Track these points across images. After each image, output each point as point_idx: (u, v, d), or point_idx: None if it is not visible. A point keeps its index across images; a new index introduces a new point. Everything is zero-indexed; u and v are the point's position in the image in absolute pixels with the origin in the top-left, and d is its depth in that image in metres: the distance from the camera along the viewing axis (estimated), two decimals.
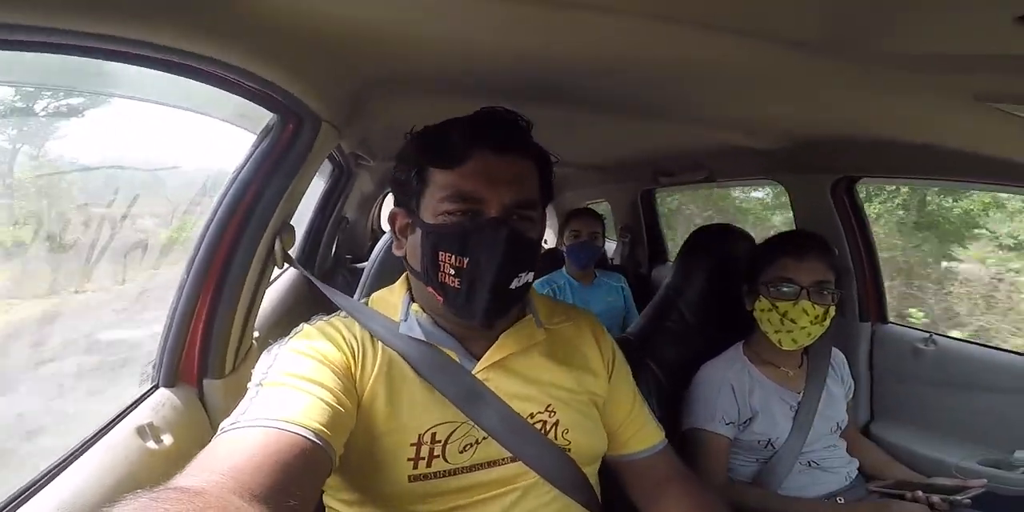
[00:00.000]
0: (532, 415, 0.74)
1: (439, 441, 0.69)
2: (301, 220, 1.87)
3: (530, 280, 0.71)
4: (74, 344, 1.06)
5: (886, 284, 1.66)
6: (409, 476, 0.68)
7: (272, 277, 1.56)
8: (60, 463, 0.68)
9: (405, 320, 0.75)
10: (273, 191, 0.93)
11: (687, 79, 0.99)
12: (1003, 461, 1.28)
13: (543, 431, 0.74)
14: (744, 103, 1.17)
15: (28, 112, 0.92)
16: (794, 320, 1.12)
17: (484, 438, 0.71)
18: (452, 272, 0.68)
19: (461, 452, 0.70)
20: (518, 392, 0.74)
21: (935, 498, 1.02)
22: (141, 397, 0.86)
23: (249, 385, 0.65)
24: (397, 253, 0.78)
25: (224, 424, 0.57)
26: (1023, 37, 0.48)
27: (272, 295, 1.56)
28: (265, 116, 0.93)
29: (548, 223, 0.83)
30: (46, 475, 0.65)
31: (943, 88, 0.77)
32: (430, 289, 0.71)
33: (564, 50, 0.84)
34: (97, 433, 0.75)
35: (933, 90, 0.80)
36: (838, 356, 1.33)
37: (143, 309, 1.20)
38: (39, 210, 1.05)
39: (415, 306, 0.76)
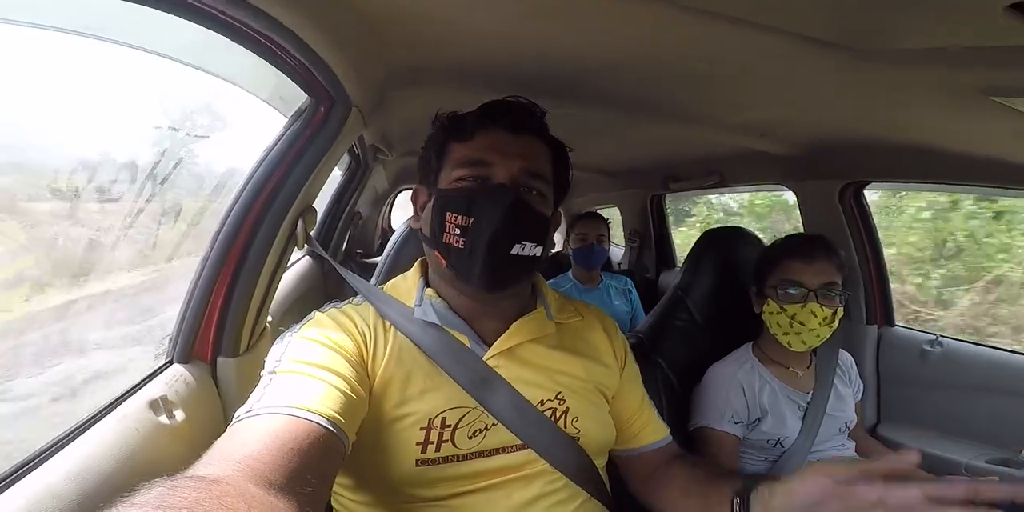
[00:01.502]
0: (542, 402, 0.75)
1: (449, 426, 0.70)
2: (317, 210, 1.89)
3: (536, 254, 0.72)
4: None
5: None
6: (417, 460, 0.68)
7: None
8: (71, 432, 0.67)
9: (419, 305, 0.76)
10: (300, 173, 0.94)
11: (702, 78, 1.01)
12: (1011, 460, 1.29)
13: (552, 418, 0.75)
14: (756, 107, 1.19)
15: None
16: (803, 322, 1.13)
17: (494, 425, 0.72)
18: (457, 231, 0.70)
19: (470, 438, 0.71)
20: (528, 379, 0.75)
21: None
22: (155, 371, 0.86)
23: (262, 373, 0.66)
24: (414, 226, 0.81)
25: (239, 412, 0.58)
26: (1017, 26, 0.49)
27: (285, 281, 1.56)
28: (297, 101, 0.95)
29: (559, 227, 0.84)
30: (57, 443, 0.65)
31: (952, 84, 0.79)
32: (436, 253, 0.73)
33: (596, 44, 0.86)
34: (110, 404, 0.75)
35: (940, 87, 0.82)
36: (846, 358, 1.34)
37: None
38: None
39: (429, 291, 0.77)
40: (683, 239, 3.35)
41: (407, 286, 0.80)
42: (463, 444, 0.70)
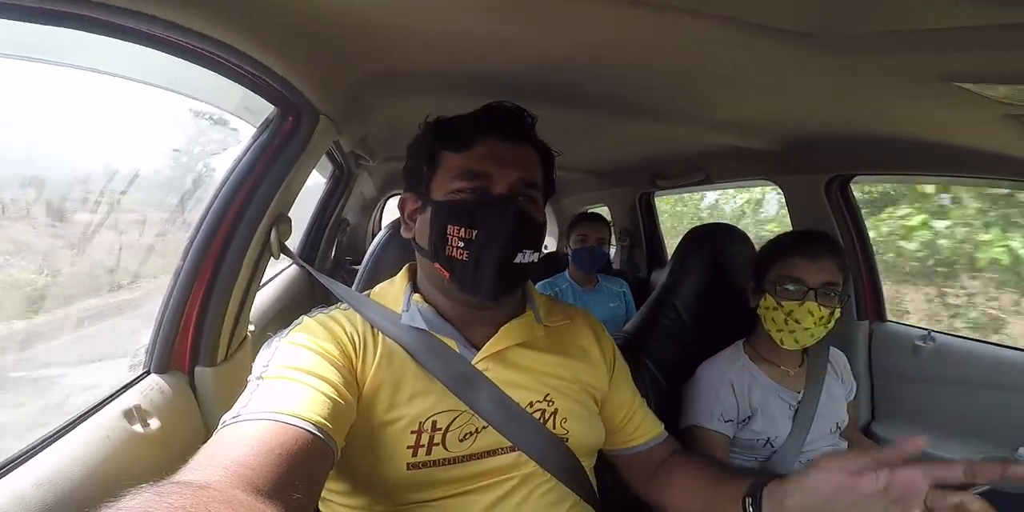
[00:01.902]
0: (531, 404, 0.75)
1: (439, 429, 0.70)
2: (301, 221, 1.89)
3: (534, 260, 0.73)
4: None
5: None
6: (408, 464, 0.68)
7: (273, 273, 1.58)
8: (44, 440, 0.68)
9: (407, 310, 0.76)
10: (270, 182, 0.94)
11: (681, 76, 1.01)
12: (1006, 458, 1.27)
13: (541, 420, 0.75)
14: (736, 103, 1.19)
15: None
16: (798, 320, 1.11)
17: (484, 427, 0.72)
18: (460, 245, 0.70)
19: (461, 441, 0.71)
20: (516, 381, 0.75)
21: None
22: (131, 382, 0.87)
23: (249, 378, 0.65)
24: (406, 235, 0.80)
25: (225, 418, 0.58)
26: (970, 6, 0.49)
27: (271, 292, 1.57)
28: (264, 112, 0.95)
29: (547, 227, 0.84)
30: (28, 450, 0.65)
31: (913, 69, 0.78)
32: (436, 266, 0.73)
33: (561, 45, 0.86)
34: (84, 413, 0.75)
35: (903, 72, 0.81)
36: (840, 357, 1.32)
37: None
38: None
39: (417, 296, 0.77)
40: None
41: (394, 291, 0.80)
42: (454, 447, 0.70)
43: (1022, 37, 0.56)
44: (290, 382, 0.62)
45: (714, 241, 1.47)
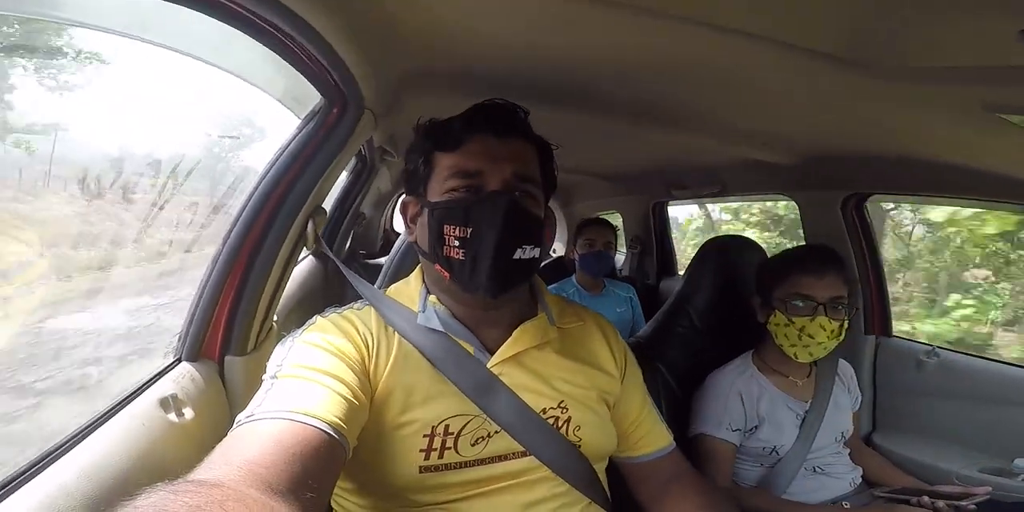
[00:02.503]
0: (545, 410, 0.75)
1: (452, 433, 0.70)
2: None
3: (536, 255, 0.72)
4: None
5: None
6: (420, 467, 0.68)
7: None
8: (84, 429, 0.68)
9: (423, 311, 0.75)
10: (311, 174, 0.94)
11: (708, 87, 1.02)
12: (1003, 469, 1.30)
13: (555, 426, 0.75)
14: (760, 116, 1.21)
15: None
16: (812, 335, 1.14)
17: (497, 432, 0.72)
18: (456, 243, 0.70)
19: (473, 445, 0.71)
20: (531, 387, 0.75)
21: (940, 504, 1.04)
22: (164, 369, 0.87)
23: (264, 377, 0.66)
24: (410, 239, 0.80)
25: (240, 417, 0.58)
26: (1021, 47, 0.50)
27: (290, 282, 1.57)
28: (310, 102, 0.95)
29: (557, 232, 0.85)
30: (70, 440, 0.65)
31: (954, 100, 0.80)
32: (437, 267, 0.73)
33: (592, 53, 0.87)
34: (121, 401, 0.75)
35: (944, 102, 0.83)
36: (847, 368, 1.35)
37: None
38: None
39: (433, 298, 0.77)
40: None
41: (409, 291, 0.80)
42: (466, 451, 0.70)
43: None
44: (304, 381, 0.62)
45: (729, 253, 1.50)
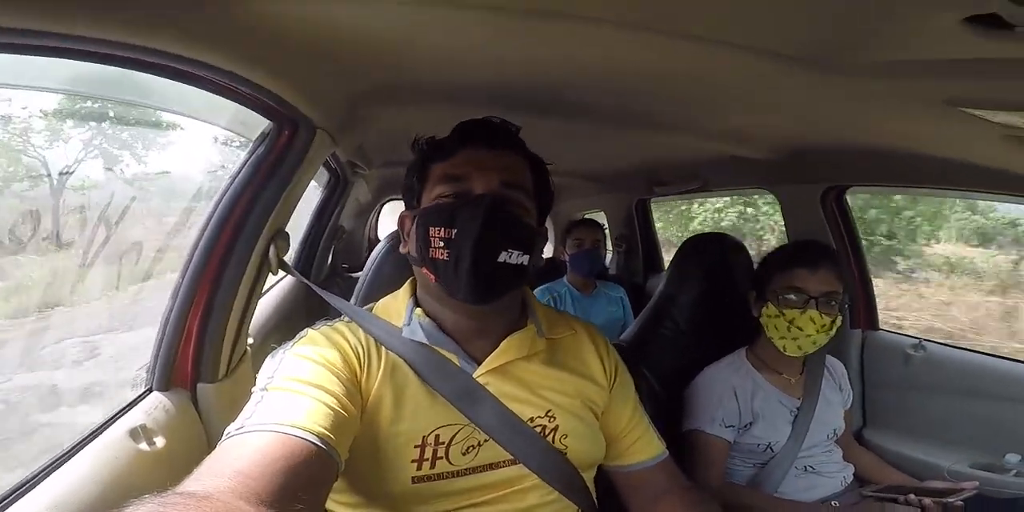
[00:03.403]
0: (532, 419, 0.75)
1: (443, 443, 0.71)
2: (298, 228, 1.88)
3: (524, 262, 0.72)
4: None
5: None
6: (413, 477, 0.69)
7: (270, 284, 1.57)
8: (53, 462, 0.68)
9: (408, 324, 0.76)
10: (268, 197, 0.94)
11: (683, 91, 1.02)
12: (994, 464, 1.30)
13: (542, 435, 0.75)
14: (736, 115, 1.20)
15: None
16: (801, 327, 1.15)
17: (486, 441, 0.72)
18: (441, 244, 0.70)
19: (464, 454, 0.71)
20: (518, 396, 0.75)
21: (927, 501, 1.04)
22: (134, 400, 0.87)
23: (253, 389, 0.65)
24: (403, 251, 0.81)
25: (230, 429, 0.58)
26: (972, 39, 0.50)
27: (269, 302, 1.56)
28: (262, 123, 0.95)
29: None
30: (39, 473, 0.65)
31: (917, 95, 0.81)
32: (424, 270, 0.74)
33: (559, 61, 0.86)
34: (90, 434, 0.75)
35: (908, 97, 0.83)
36: (838, 366, 1.36)
37: None
38: None
39: (419, 310, 0.77)
40: None
41: (396, 305, 0.80)
42: (457, 460, 0.71)
43: (1019, 69, 0.58)
44: (294, 394, 0.62)
45: (710, 250, 1.49)
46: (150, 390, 0.91)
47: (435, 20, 0.72)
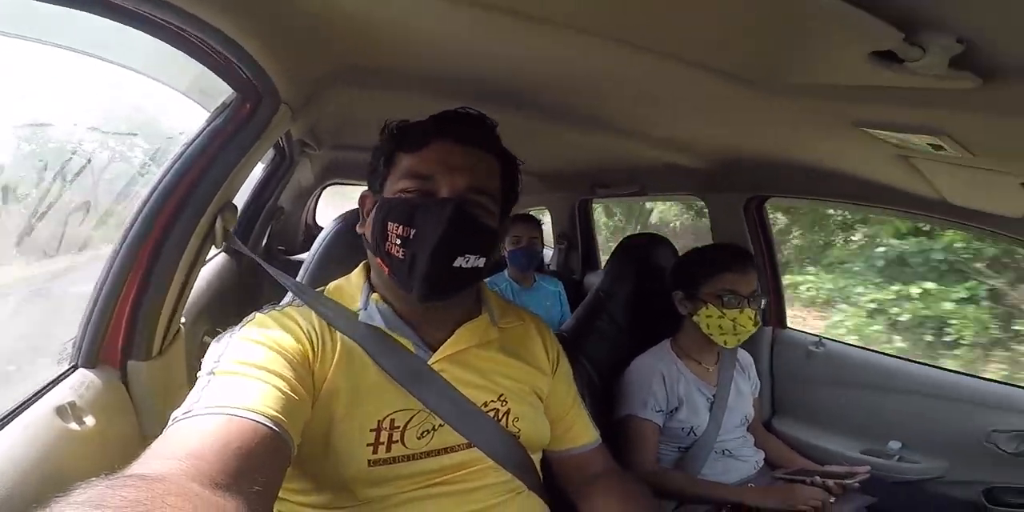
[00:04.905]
0: (485, 403, 0.77)
1: (398, 427, 0.71)
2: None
3: (480, 265, 0.73)
4: None
5: None
6: (369, 461, 0.69)
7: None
8: None
9: (365, 309, 0.76)
10: (220, 168, 0.91)
11: (628, 97, 1.09)
12: (881, 450, 1.47)
13: (495, 419, 0.78)
14: (670, 123, 1.30)
15: None
16: (743, 325, 1.27)
17: (441, 425, 0.74)
18: (398, 242, 0.71)
19: (419, 438, 0.72)
20: (471, 381, 0.77)
21: (830, 482, 1.16)
22: (59, 377, 0.81)
23: (199, 374, 0.64)
24: (359, 231, 0.81)
25: (176, 414, 0.56)
26: (874, 70, 0.57)
27: (199, 281, 1.48)
28: (221, 95, 0.91)
29: None
30: None
31: (829, 115, 0.90)
32: (379, 260, 0.74)
33: (519, 58, 0.90)
34: (11, 412, 0.70)
35: (822, 117, 0.92)
36: (746, 357, 1.48)
37: None
38: None
39: (375, 295, 0.77)
40: None
41: (351, 289, 0.80)
42: (412, 444, 0.72)
43: (909, 97, 0.67)
44: (244, 377, 0.61)
45: (644, 250, 1.59)
46: (75, 366, 0.85)
47: (414, 5, 0.73)
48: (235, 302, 1.53)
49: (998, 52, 0.51)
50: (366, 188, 0.83)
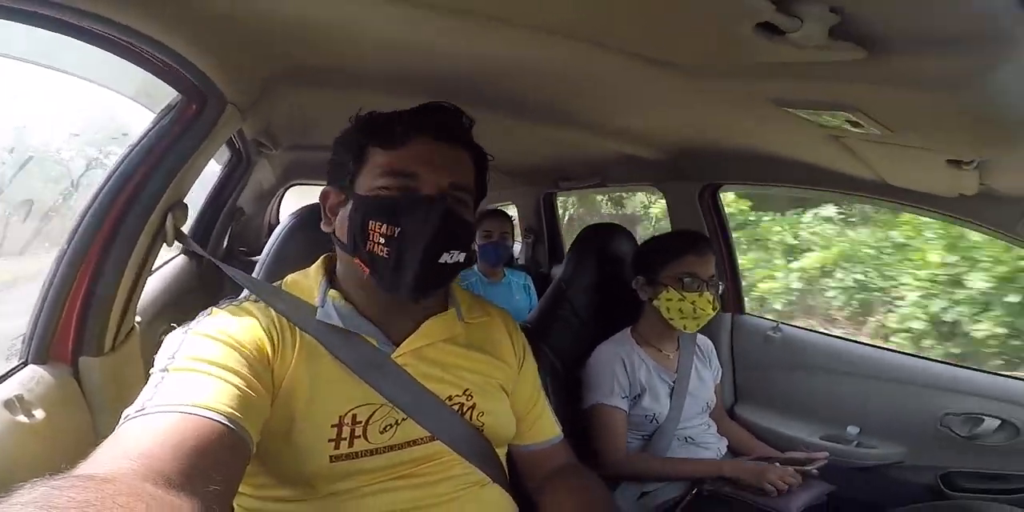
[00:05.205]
0: (450, 398, 0.77)
1: (360, 422, 0.71)
2: (193, 207, 1.78)
3: (461, 261, 0.73)
4: None
5: None
6: (331, 456, 0.69)
7: (161, 260, 1.49)
8: None
9: (322, 306, 0.74)
10: (167, 168, 0.92)
11: (582, 90, 1.11)
12: (840, 436, 1.49)
13: (460, 412, 0.77)
14: (624, 115, 1.32)
15: None
16: (702, 308, 1.29)
17: (404, 419, 0.73)
18: (382, 241, 0.69)
19: (382, 432, 0.72)
20: (436, 376, 0.77)
21: (790, 469, 1.19)
22: (7, 373, 0.82)
23: (152, 371, 0.62)
24: (325, 229, 0.79)
25: (128, 411, 0.55)
26: (766, 44, 0.57)
27: (158, 280, 1.48)
28: (168, 96, 0.92)
29: None
30: None
31: (750, 96, 0.90)
32: (356, 260, 0.72)
33: (476, 54, 0.91)
34: None
35: (745, 99, 0.93)
36: (706, 343, 1.50)
37: None
38: None
39: (333, 293, 0.76)
40: None
41: (308, 284, 0.78)
42: (375, 439, 0.71)
43: (809, 72, 0.67)
44: (198, 374, 0.59)
45: (603, 239, 1.61)
46: (25, 362, 0.86)
47: (357, 8, 0.74)
48: (195, 302, 1.52)
49: (874, 21, 0.52)
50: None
